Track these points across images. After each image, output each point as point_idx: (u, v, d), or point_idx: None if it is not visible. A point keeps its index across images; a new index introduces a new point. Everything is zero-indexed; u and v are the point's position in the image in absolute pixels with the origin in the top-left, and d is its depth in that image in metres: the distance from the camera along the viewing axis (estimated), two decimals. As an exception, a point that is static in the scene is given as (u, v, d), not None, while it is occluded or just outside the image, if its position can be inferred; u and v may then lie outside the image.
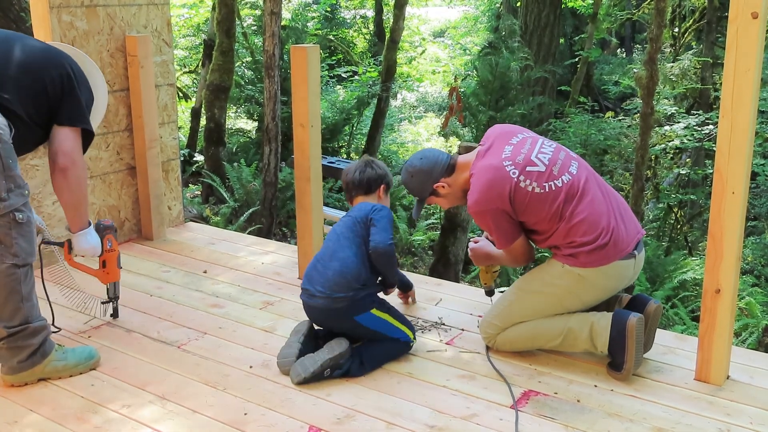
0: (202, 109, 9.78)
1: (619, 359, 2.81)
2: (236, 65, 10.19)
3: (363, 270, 2.90)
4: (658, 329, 3.03)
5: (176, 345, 3.13)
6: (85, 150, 2.91)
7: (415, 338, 3.04)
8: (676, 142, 9.10)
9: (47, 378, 2.79)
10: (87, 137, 2.92)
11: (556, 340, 2.92)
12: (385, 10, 16.36)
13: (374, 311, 2.92)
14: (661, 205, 9.35)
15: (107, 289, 3.29)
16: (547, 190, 2.83)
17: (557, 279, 2.89)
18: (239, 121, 12.02)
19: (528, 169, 2.86)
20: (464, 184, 3.04)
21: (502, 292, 3.19)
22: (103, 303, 3.30)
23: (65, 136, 2.80)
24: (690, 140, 9.05)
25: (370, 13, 17.38)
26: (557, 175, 2.86)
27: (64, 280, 3.19)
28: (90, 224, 3.05)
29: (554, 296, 2.91)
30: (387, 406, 2.65)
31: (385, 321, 2.94)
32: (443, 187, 3.08)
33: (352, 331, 2.91)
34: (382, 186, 3.17)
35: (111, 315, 3.34)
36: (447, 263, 6.36)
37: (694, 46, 13.09)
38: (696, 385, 2.80)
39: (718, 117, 2.63)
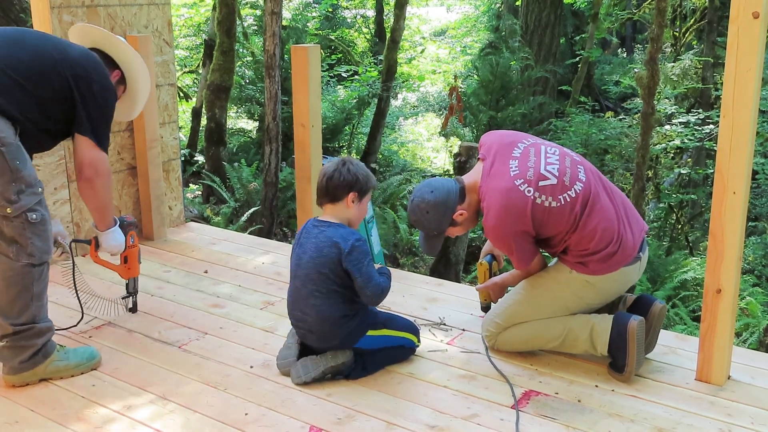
0: (203, 109, 9.78)
1: (620, 361, 2.80)
2: (237, 65, 10.19)
3: (342, 307, 2.76)
4: (658, 329, 3.03)
5: (177, 345, 3.13)
6: (107, 150, 2.93)
7: (419, 341, 3.03)
8: (677, 141, 9.10)
9: (48, 378, 2.79)
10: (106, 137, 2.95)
11: (556, 341, 2.92)
12: (385, 10, 16.37)
13: (370, 333, 2.85)
14: (662, 205, 9.35)
15: (127, 284, 3.32)
16: (562, 202, 2.77)
17: (564, 284, 2.89)
18: (240, 121, 12.02)
19: (541, 184, 2.77)
20: (476, 206, 2.95)
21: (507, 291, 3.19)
22: (123, 298, 3.34)
23: (86, 146, 2.83)
24: (691, 140, 9.05)
25: (371, 13, 17.38)
26: (569, 186, 2.79)
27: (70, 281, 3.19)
28: (116, 222, 3.10)
29: (560, 299, 2.90)
30: (388, 406, 2.65)
31: (385, 336, 2.89)
32: (461, 214, 2.94)
33: (354, 351, 2.86)
34: (351, 194, 2.80)
35: (130, 309, 3.37)
36: (448, 263, 6.35)
37: (695, 46, 13.08)
38: (697, 385, 2.79)
39: (718, 116, 2.63)
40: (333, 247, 2.74)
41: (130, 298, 3.36)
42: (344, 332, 2.79)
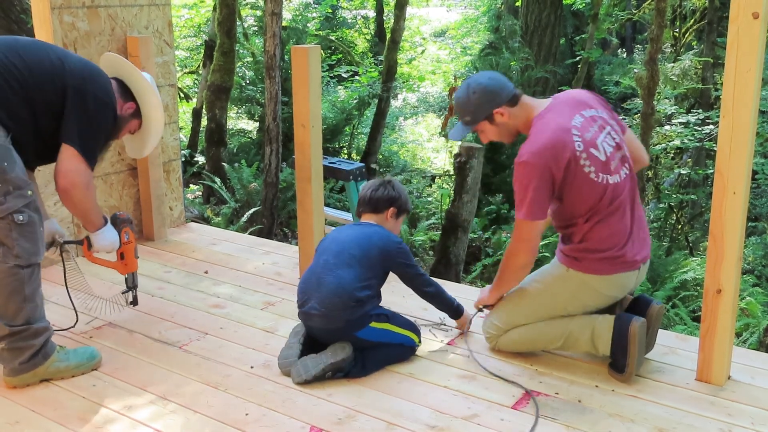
0: (203, 110, 9.79)
1: (621, 362, 2.81)
2: (237, 66, 10.19)
3: (359, 289, 2.84)
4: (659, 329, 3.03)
5: (177, 345, 3.13)
6: (94, 164, 2.83)
7: (420, 341, 3.04)
8: (677, 141, 9.10)
9: (49, 379, 2.79)
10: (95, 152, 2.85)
11: (557, 342, 2.92)
12: (385, 11, 16.36)
13: (373, 324, 2.88)
14: (662, 205, 9.35)
15: (126, 279, 3.32)
16: (599, 180, 2.74)
17: (560, 283, 2.89)
18: (240, 122, 12.02)
19: (591, 150, 2.74)
20: (522, 124, 2.87)
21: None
22: (123, 293, 3.33)
23: (68, 155, 2.73)
24: (691, 140, 9.05)
25: (371, 14, 17.37)
26: (612, 172, 2.77)
27: (73, 282, 3.19)
28: (106, 221, 3.05)
29: (557, 300, 2.91)
30: (388, 407, 2.65)
31: (387, 331, 2.92)
32: (502, 114, 2.87)
33: (354, 344, 2.87)
34: (391, 209, 3.11)
35: (131, 303, 3.36)
36: (448, 264, 6.35)
37: (694, 46, 13.09)
38: (697, 386, 2.80)
39: (718, 116, 2.63)
40: (383, 237, 3.00)
41: (130, 292, 3.35)
42: (350, 316, 2.82)
